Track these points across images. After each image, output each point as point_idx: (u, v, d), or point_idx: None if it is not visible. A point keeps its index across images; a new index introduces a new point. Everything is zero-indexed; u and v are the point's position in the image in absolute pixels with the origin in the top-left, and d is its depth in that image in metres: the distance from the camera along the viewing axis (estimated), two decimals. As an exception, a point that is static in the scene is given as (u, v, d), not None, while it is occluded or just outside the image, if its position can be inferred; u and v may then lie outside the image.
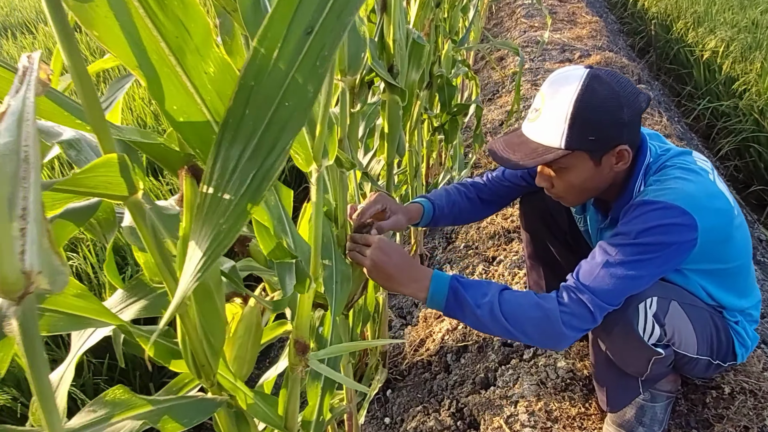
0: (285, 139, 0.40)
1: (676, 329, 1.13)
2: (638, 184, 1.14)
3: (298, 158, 0.63)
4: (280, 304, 0.68)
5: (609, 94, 1.04)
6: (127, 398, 0.59)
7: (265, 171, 0.41)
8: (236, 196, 0.41)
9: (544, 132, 1.08)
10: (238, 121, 0.40)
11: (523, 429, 1.40)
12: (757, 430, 1.26)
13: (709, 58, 4.27)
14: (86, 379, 1.97)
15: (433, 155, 2.84)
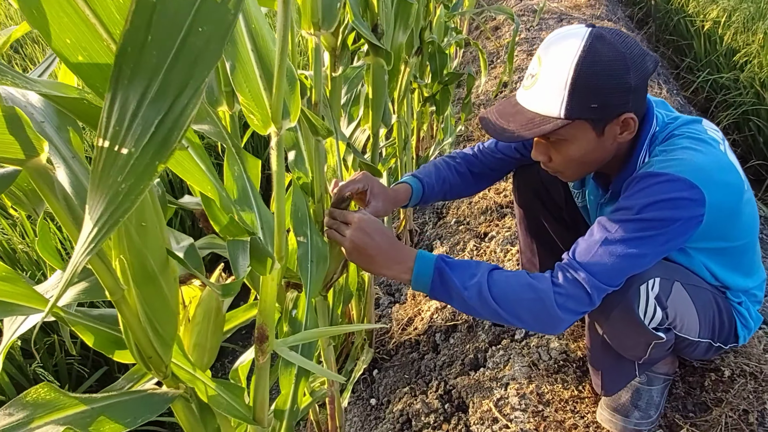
0: (199, 76, 0.31)
1: (679, 312, 1.06)
2: (642, 155, 1.05)
3: (253, 119, 0.54)
4: (229, 289, 0.59)
5: (614, 55, 0.93)
6: (53, 398, 0.51)
7: (174, 117, 0.32)
8: (137, 148, 0.32)
9: (542, 100, 0.98)
10: (138, 50, 0.31)
11: (513, 412, 1.35)
12: (757, 414, 1.20)
13: (710, 29, 4.15)
14: (58, 360, 1.89)
15: (424, 127, 2.73)
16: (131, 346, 0.59)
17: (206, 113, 0.79)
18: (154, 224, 0.54)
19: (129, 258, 0.51)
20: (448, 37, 2.63)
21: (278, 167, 0.56)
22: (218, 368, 2.50)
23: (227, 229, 0.57)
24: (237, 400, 0.81)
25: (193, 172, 0.51)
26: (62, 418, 0.49)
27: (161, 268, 0.55)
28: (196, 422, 0.78)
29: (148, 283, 0.54)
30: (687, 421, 1.24)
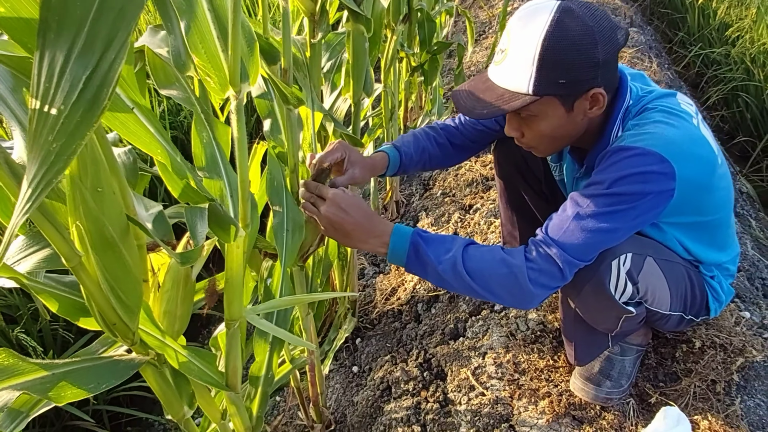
0: (124, 30, 0.31)
1: (650, 286, 1.07)
2: (616, 129, 1.04)
3: (210, 82, 0.52)
4: (188, 257, 0.59)
5: (581, 29, 0.92)
6: (11, 363, 0.51)
7: (102, 74, 0.31)
8: (66, 106, 0.31)
9: (511, 76, 0.97)
10: (61, 4, 0.30)
11: (489, 381, 1.37)
12: (724, 383, 1.24)
13: (704, 3, 4.09)
14: (43, 325, 1.90)
15: (412, 97, 2.70)
16: (95, 314, 0.59)
17: (174, 77, 0.77)
18: (112, 190, 0.53)
19: (86, 224, 0.50)
20: (439, 5, 2.57)
21: (239, 133, 0.55)
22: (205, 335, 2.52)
23: (185, 194, 0.56)
24: (209, 367, 0.82)
25: (139, 134, 0.50)
26: (20, 383, 0.49)
27: (121, 234, 0.55)
28: (168, 388, 0.79)
29: (107, 249, 0.53)
30: (657, 390, 1.28)
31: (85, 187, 0.50)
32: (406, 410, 1.39)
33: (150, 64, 0.75)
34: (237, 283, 0.70)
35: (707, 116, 3.53)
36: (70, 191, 0.51)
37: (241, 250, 0.65)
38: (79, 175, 0.50)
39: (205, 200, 0.57)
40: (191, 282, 0.74)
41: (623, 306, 1.06)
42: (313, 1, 1.17)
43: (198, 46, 0.51)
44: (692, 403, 1.24)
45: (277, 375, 1.29)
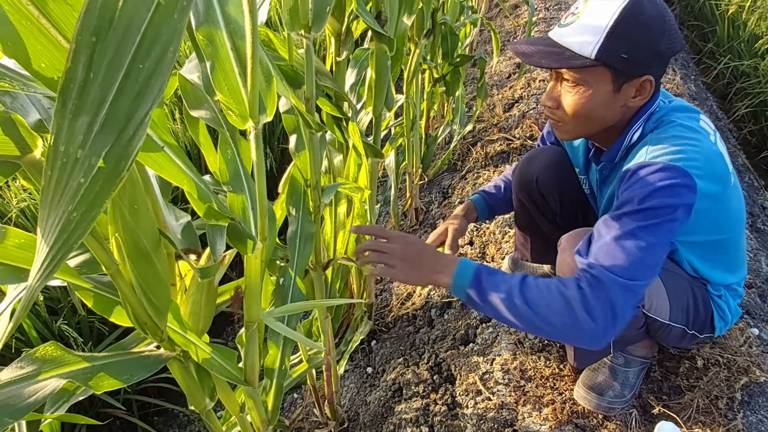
0: (143, 109, 0.35)
1: (648, 293, 1.10)
2: (636, 128, 1.08)
3: (232, 115, 0.59)
4: (207, 271, 0.67)
5: (657, 16, 0.98)
6: (58, 355, 0.59)
7: (121, 148, 0.35)
8: (86, 179, 0.35)
9: (578, 36, 1.00)
10: (81, 86, 0.34)
11: (496, 386, 1.42)
12: (726, 400, 1.26)
13: (734, 14, 4.02)
14: (81, 318, 2.02)
15: (435, 107, 2.76)
16: (129, 314, 0.67)
17: (204, 99, 0.85)
18: (146, 207, 0.61)
19: (123, 236, 0.58)
20: (464, 16, 2.62)
21: (258, 158, 0.63)
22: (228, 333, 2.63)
23: (209, 214, 0.64)
24: (229, 363, 0.90)
25: (170, 169, 0.58)
26: (66, 372, 0.58)
27: (153, 245, 0.63)
28: (192, 382, 0.87)
29: (141, 259, 0.61)
30: (660, 402, 1.31)
31: (123, 205, 0.58)
32: (416, 411, 1.46)
33: (182, 88, 0.84)
34: (255, 288, 0.78)
35: (734, 129, 3.48)
36: (110, 208, 0.59)
37: (259, 260, 0.73)
38: (119, 195, 0.59)
39: (226, 218, 0.64)
40: (214, 287, 0.82)
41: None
42: (339, 22, 1.25)
43: (222, 84, 0.58)
44: (695, 416, 1.26)
45: (294, 373, 1.37)
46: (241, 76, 0.59)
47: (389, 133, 2.30)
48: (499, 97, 3.02)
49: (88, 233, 0.37)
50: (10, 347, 1.84)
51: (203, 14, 0.58)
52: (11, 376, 0.54)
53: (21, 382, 0.53)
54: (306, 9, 0.86)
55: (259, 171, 0.64)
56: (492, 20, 4.57)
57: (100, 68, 0.35)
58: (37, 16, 0.39)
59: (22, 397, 0.51)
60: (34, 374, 0.55)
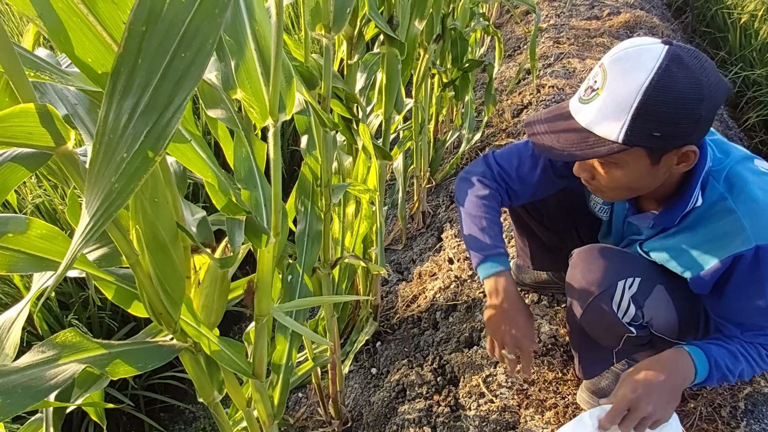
0: (182, 94, 0.38)
1: (656, 314, 1.10)
2: (695, 196, 0.99)
3: (253, 112, 0.62)
4: (227, 262, 0.69)
5: (690, 83, 0.84)
6: (78, 341, 0.61)
7: (161, 128, 0.39)
8: (129, 153, 0.39)
9: (600, 119, 0.90)
10: (130, 70, 0.38)
11: (499, 389, 1.43)
12: (729, 408, 1.26)
13: (747, 22, 4.02)
14: (92, 313, 2.06)
15: (443, 111, 2.78)
16: (145, 304, 0.70)
17: (220, 99, 0.88)
18: (165, 200, 0.63)
19: (143, 228, 0.61)
20: (474, 22, 2.64)
21: (275, 155, 0.65)
22: (235, 331, 2.66)
23: (227, 207, 0.66)
24: (238, 356, 0.92)
25: (195, 161, 0.60)
26: (84, 358, 0.60)
27: (171, 238, 0.65)
28: (201, 373, 0.89)
29: (159, 250, 0.63)
30: (663, 409, 1.31)
31: (144, 198, 0.61)
32: (419, 412, 1.47)
33: (198, 88, 0.86)
34: (267, 283, 0.80)
35: (745, 138, 3.47)
36: (132, 200, 0.61)
37: (271, 255, 0.75)
38: (141, 187, 0.61)
39: (243, 212, 0.67)
40: (227, 281, 0.84)
41: (625, 325, 1.10)
42: (352, 25, 1.27)
43: (245, 82, 0.61)
44: (698, 423, 1.27)
45: (300, 371, 1.39)
46: (263, 75, 0.61)
47: (398, 136, 2.32)
48: (508, 103, 3.04)
49: (126, 203, 0.40)
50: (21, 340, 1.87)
51: (230, 15, 0.61)
52: (33, 360, 0.56)
53: (43, 365, 0.55)
54: (328, 10, 0.89)
55: (275, 168, 0.66)
56: (502, 26, 4.59)
57: (148, 55, 0.38)
58: (85, 14, 0.42)
59: (43, 380, 0.53)
60: (55, 358, 0.57)
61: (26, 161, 0.60)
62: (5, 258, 0.64)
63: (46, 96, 0.73)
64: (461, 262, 2.00)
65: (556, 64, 3.22)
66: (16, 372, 0.56)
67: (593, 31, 3.63)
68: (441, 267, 2.04)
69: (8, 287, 1.90)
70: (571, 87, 2.91)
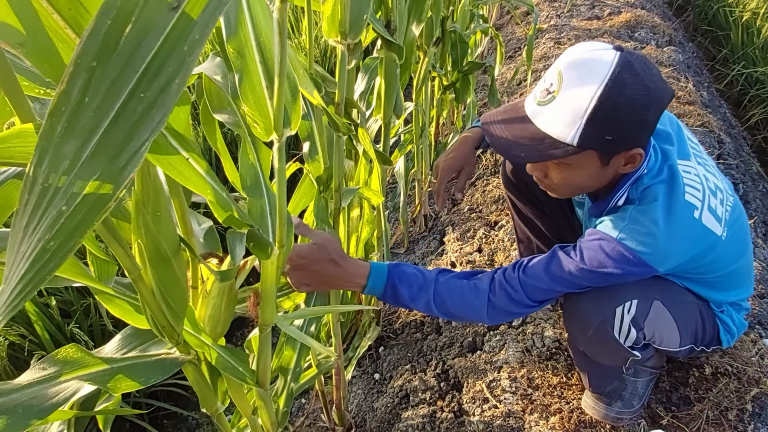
0: (139, 139, 0.33)
1: (658, 330, 1.10)
2: (620, 195, 1.06)
3: (257, 127, 0.61)
4: (227, 275, 0.68)
5: (640, 89, 0.90)
6: (79, 357, 0.61)
7: (112, 176, 0.33)
8: (68, 207, 0.33)
9: (555, 122, 0.94)
10: (73, 110, 0.33)
11: (503, 394, 1.43)
12: (736, 411, 1.26)
13: (749, 20, 4.01)
14: (93, 321, 2.06)
15: (444, 114, 2.77)
16: (147, 317, 0.69)
17: (227, 102, 0.87)
18: (168, 214, 0.63)
19: (146, 242, 0.60)
20: (474, 24, 2.63)
21: (279, 169, 0.64)
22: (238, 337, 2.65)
23: (229, 221, 0.66)
24: (242, 365, 0.91)
25: (192, 179, 0.59)
26: (86, 374, 0.60)
27: (174, 251, 0.65)
28: (204, 384, 0.89)
29: (161, 264, 0.63)
30: (669, 413, 1.30)
31: (147, 212, 0.60)
32: (422, 418, 1.46)
33: (206, 89, 0.86)
34: (270, 293, 0.79)
35: (749, 137, 3.46)
36: (134, 215, 0.61)
37: (275, 266, 0.74)
38: (143, 202, 0.61)
39: (246, 226, 0.66)
40: (234, 291, 0.84)
41: (628, 350, 1.11)
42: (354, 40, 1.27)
43: (248, 96, 0.60)
44: (704, 427, 1.26)
45: (304, 378, 1.38)
46: (267, 89, 0.61)
47: (399, 139, 2.31)
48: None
49: (62, 264, 0.34)
50: (23, 349, 1.88)
51: (234, 27, 0.60)
52: (34, 377, 0.56)
53: (44, 382, 0.55)
54: (345, 17, 0.90)
55: (280, 181, 0.65)
56: (503, 27, 4.58)
57: (97, 94, 0.33)
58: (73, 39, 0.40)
59: (45, 398, 0.53)
60: (56, 375, 0.57)
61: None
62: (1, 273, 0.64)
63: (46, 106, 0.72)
64: (464, 265, 1.99)
65: (557, 65, 3.21)
66: (17, 390, 0.56)
67: (594, 31, 3.63)
68: (444, 271, 2.03)
69: (11, 295, 1.89)
70: (572, 88, 2.89)
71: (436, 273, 1.10)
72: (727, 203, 1.09)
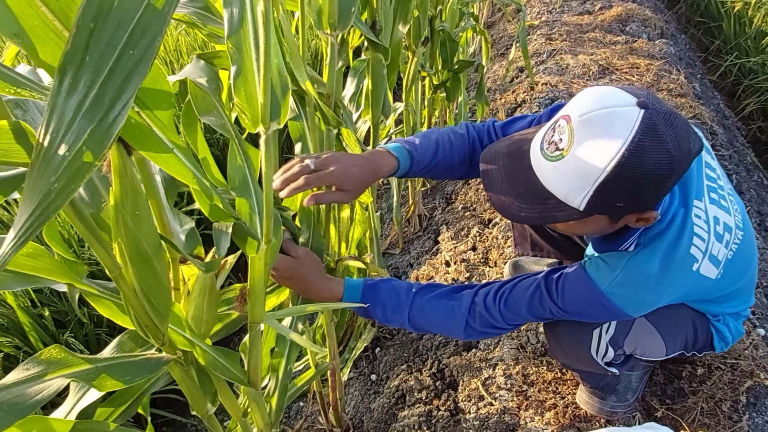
0: (128, 92, 0.38)
1: (641, 344, 1.10)
2: (630, 243, 0.98)
3: (245, 118, 0.62)
4: (210, 266, 0.69)
5: (662, 158, 0.79)
6: (63, 357, 0.61)
7: (105, 127, 0.38)
8: (71, 152, 0.38)
9: (562, 183, 0.85)
10: (77, 67, 0.38)
11: (498, 391, 1.43)
12: (730, 402, 1.26)
13: (741, 10, 4.02)
14: (88, 330, 2.05)
15: (436, 113, 2.77)
16: (131, 316, 0.69)
17: (213, 106, 0.88)
18: (148, 213, 0.63)
19: (126, 242, 0.60)
20: (464, 22, 2.64)
21: (266, 162, 0.65)
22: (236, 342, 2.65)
23: (214, 213, 0.67)
24: (233, 364, 0.91)
25: (179, 168, 0.61)
26: (70, 373, 0.60)
27: (155, 250, 0.65)
28: (193, 386, 0.89)
29: (142, 263, 0.63)
30: (663, 406, 1.30)
31: (126, 211, 0.61)
32: (419, 417, 1.46)
33: (192, 94, 0.86)
34: (259, 290, 0.80)
35: (743, 127, 3.46)
36: (113, 214, 0.61)
37: (263, 262, 0.75)
38: (122, 201, 0.61)
39: (232, 219, 0.67)
40: (216, 290, 0.84)
41: (605, 367, 1.12)
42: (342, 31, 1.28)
43: (240, 89, 0.61)
44: (699, 418, 1.26)
45: (302, 380, 1.38)
46: (260, 84, 0.61)
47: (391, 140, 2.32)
48: (502, 102, 3.04)
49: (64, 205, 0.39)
50: (17, 359, 1.88)
51: (237, 25, 0.61)
52: (18, 377, 0.56)
53: (27, 382, 0.55)
54: (333, 9, 0.91)
55: (267, 175, 0.66)
56: (494, 25, 4.60)
57: (96, 52, 0.38)
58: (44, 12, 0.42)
59: (28, 396, 0.53)
60: (40, 375, 0.57)
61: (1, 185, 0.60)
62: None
63: (29, 113, 0.73)
64: (458, 264, 1.99)
65: (549, 61, 3.22)
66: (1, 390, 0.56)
67: (585, 26, 3.64)
68: (438, 270, 2.04)
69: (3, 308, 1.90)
70: (564, 83, 2.90)
71: (413, 293, 1.08)
72: (734, 242, 1.01)
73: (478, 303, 1.05)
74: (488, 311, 1.04)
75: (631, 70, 2.98)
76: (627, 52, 3.20)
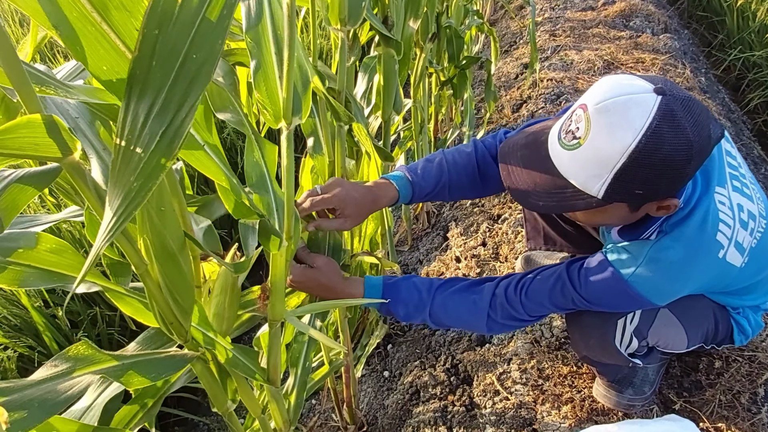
0: (194, 94, 0.40)
1: (663, 336, 1.10)
2: (652, 230, 0.96)
3: (266, 113, 0.61)
4: (241, 266, 0.68)
5: (680, 143, 0.79)
6: (90, 354, 0.61)
7: (175, 127, 0.40)
8: (146, 153, 0.40)
9: (579, 172, 0.85)
10: (145, 73, 0.39)
11: (514, 386, 1.42)
12: (748, 395, 1.25)
13: (743, 4, 4.00)
14: (101, 330, 2.06)
15: (442, 110, 2.77)
16: (155, 313, 0.69)
17: (229, 102, 0.87)
18: (172, 210, 0.63)
19: (151, 238, 0.60)
20: (468, 20, 2.64)
21: (288, 158, 0.65)
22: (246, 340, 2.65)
23: (238, 211, 0.66)
24: (252, 362, 0.91)
25: (209, 165, 0.61)
26: (98, 370, 0.60)
27: (179, 247, 0.65)
28: (214, 383, 0.89)
29: (167, 259, 0.63)
30: (681, 398, 1.30)
31: (151, 207, 0.60)
32: (434, 413, 1.46)
33: (207, 90, 0.86)
34: (280, 287, 0.79)
35: (748, 121, 3.45)
36: (139, 211, 0.61)
37: (284, 259, 0.74)
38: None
39: (256, 216, 0.67)
40: (237, 289, 0.83)
41: (628, 358, 1.11)
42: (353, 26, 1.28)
43: (261, 85, 0.61)
44: (717, 411, 1.25)
45: (317, 376, 1.38)
46: (280, 79, 0.61)
47: (399, 137, 2.31)
48: (507, 98, 3.03)
49: (145, 201, 0.42)
50: (32, 360, 1.88)
51: (255, 19, 0.62)
52: (47, 374, 0.56)
53: (56, 378, 0.55)
54: (344, 4, 0.90)
55: (288, 171, 0.66)
56: (497, 22, 4.59)
57: (162, 57, 0.40)
58: (99, 22, 0.43)
59: (59, 392, 0.53)
60: (69, 371, 0.57)
61: (34, 180, 0.60)
62: (16, 273, 0.64)
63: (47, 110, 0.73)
64: (468, 260, 1.99)
65: (554, 57, 3.21)
66: (31, 386, 0.56)
67: (589, 21, 3.63)
68: (449, 266, 2.03)
69: (17, 308, 1.90)
70: (569, 79, 2.90)
71: (434, 289, 1.07)
72: (758, 230, 1.00)
73: (499, 294, 1.04)
74: (510, 303, 1.03)
75: (637, 64, 2.97)
76: (631, 47, 3.19)
